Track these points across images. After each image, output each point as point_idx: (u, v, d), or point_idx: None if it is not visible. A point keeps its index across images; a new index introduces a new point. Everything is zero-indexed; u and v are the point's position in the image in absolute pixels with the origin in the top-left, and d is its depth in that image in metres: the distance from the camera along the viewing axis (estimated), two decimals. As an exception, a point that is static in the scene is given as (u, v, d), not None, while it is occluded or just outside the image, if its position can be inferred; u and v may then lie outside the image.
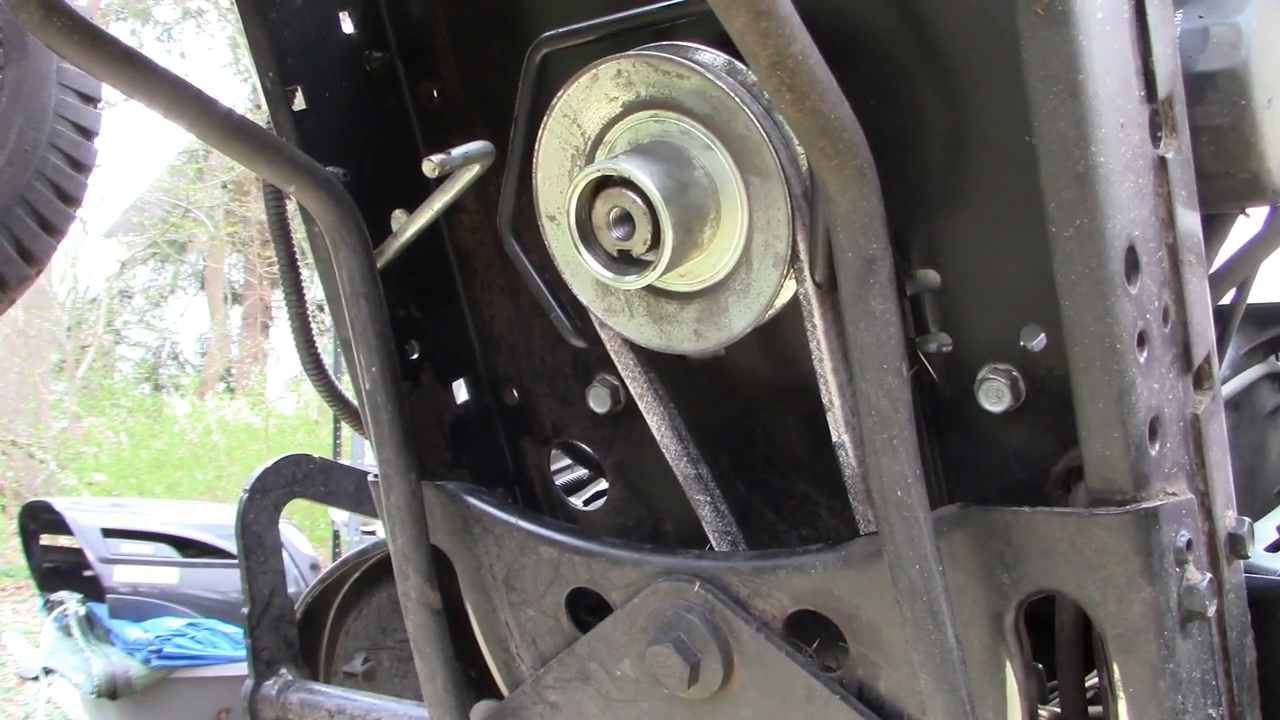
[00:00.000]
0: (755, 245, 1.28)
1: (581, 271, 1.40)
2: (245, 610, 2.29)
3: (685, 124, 1.27)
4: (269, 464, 2.39)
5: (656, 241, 1.24)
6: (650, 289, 1.37)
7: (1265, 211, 1.59)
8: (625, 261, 1.29)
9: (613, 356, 1.51)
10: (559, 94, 1.34)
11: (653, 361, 1.51)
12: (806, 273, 1.28)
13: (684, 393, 1.55)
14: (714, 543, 1.55)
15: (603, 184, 1.25)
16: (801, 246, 1.26)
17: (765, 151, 1.23)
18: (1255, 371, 2.34)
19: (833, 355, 1.31)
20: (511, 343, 1.74)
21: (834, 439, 1.35)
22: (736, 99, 1.23)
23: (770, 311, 1.31)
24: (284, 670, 2.29)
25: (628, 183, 1.23)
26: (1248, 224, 1.62)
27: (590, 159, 1.35)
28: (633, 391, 1.53)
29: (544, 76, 1.43)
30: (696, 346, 1.38)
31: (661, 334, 1.40)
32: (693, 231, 1.26)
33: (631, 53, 1.29)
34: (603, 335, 1.50)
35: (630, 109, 1.30)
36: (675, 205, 1.23)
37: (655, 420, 1.52)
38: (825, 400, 1.33)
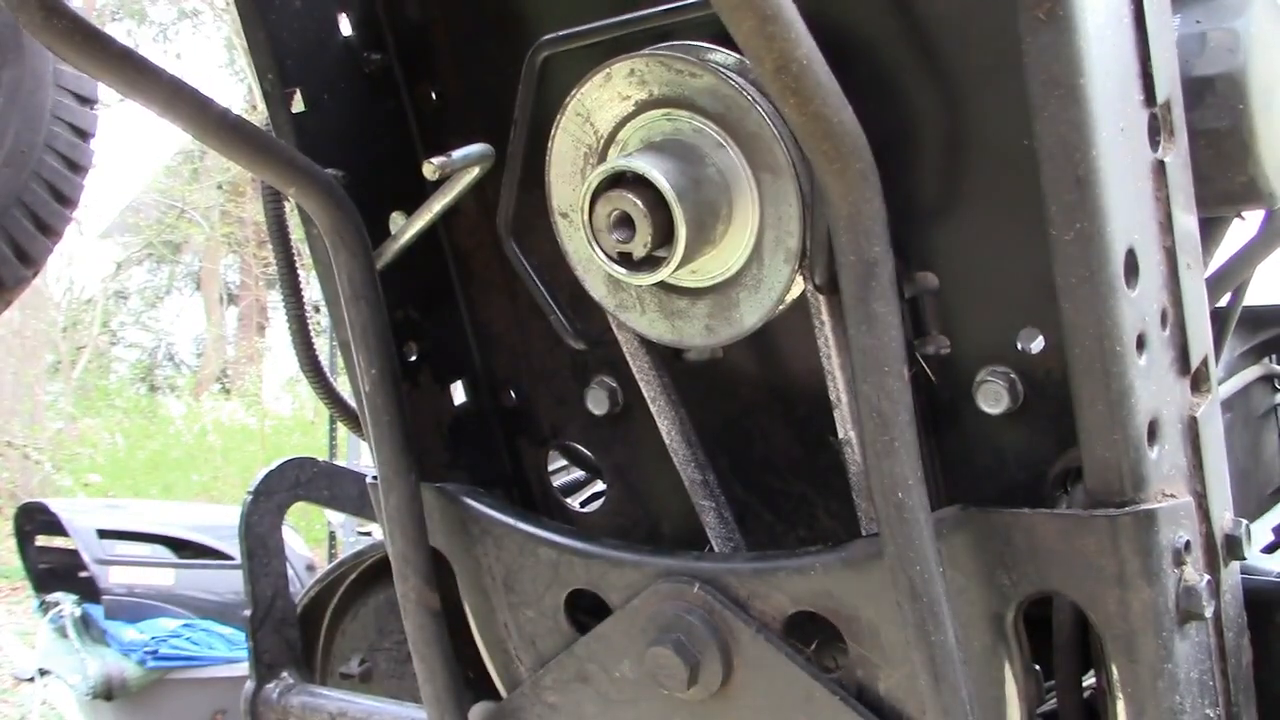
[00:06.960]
0: (767, 241, 1.28)
1: (594, 267, 1.40)
2: (247, 613, 2.28)
3: (698, 122, 1.28)
4: (273, 466, 2.38)
5: (669, 238, 1.25)
6: (662, 285, 1.37)
7: (1261, 215, 1.60)
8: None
9: (629, 359, 1.52)
10: (573, 92, 1.35)
11: (666, 366, 1.52)
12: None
13: (683, 394, 1.55)
14: (716, 547, 1.55)
15: (615, 182, 1.26)
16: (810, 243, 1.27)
17: (777, 148, 1.23)
18: (1250, 373, 2.35)
19: (840, 352, 1.32)
20: (509, 344, 1.74)
21: (840, 435, 1.35)
22: (749, 97, 1.23)
23: (781, 307, 1.32)
24: (285, 673, 2.28)
25: (641, 180, 1.23)
26: (1243, 227, 1.63)
27: (603, 157, 1.35)
28: (645, 395, 1.53)
29: (544, 79, 1.43)
30: (708, 341, 1.38)
31: (673, 329, 1.40)
32: (705, 228, 1.27)
33: (645, 51, 1.30)
34: (619, 337, 1.51)
35: (643, 107, 1.31)
36: (688, 202, 1.24)
37: (666, 424, 1.53)
38: (833, 397, 1.34)
